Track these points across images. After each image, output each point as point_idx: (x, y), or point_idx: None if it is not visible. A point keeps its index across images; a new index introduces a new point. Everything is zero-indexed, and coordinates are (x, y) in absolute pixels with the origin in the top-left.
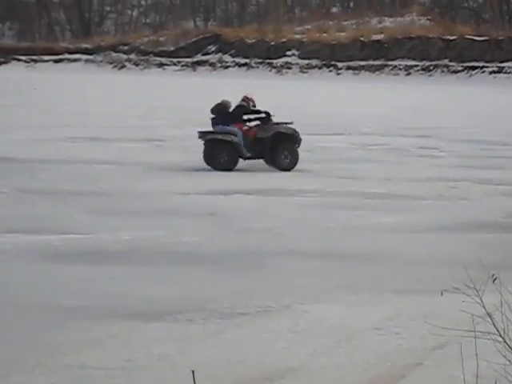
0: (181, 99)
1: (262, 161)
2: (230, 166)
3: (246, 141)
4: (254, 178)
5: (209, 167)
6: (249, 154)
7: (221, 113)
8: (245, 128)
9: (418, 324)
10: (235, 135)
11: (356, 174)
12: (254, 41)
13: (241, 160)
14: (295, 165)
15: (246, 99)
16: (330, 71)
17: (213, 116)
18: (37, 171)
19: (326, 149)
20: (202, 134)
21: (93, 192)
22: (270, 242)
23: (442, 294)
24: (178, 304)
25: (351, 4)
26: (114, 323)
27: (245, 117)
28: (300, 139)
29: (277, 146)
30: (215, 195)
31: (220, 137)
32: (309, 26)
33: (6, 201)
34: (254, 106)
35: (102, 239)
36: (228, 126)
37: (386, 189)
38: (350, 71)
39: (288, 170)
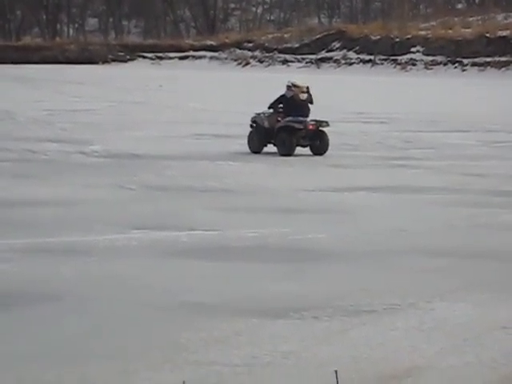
0: None
1: None
2: None
3: None
4: (377, 175)
5: (334, 163)
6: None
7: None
8: None
9: None
10: None
11: (481, 171)
12: (378, 37)
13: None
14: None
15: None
16: (455, 68)
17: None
18: (163, 168)
19: (451, 146)
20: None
21: (218, 189)
22: (394, 239)
23: None
24: (304, 301)
25: (476, 0)
26: (239, 320)
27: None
28: None
29: None
30: (340, 192)
31: None
32: (434, 23)
33: (133, 197)
34: None
35: (227, 236)
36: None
37: None
38: (476, 68)
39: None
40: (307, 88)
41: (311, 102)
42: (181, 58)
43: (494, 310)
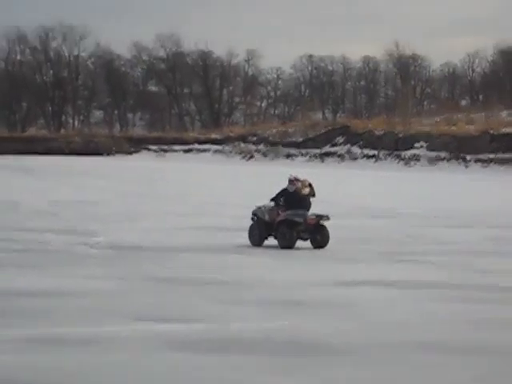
0: None
1: None
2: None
3: None
4: (380, 269)
5: (338, 257)
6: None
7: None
8: None
9: None
10: None
11: (483, 267)
12: (382, 132)
13: None
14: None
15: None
16: (459, 163)
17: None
18: (166, 260)
19: (453, 241)
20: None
21: (221, 281)
22: (397, 334)
23: None
24: None
25: (480, 97)
26: None
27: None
28: None
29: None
30: (343, 286)
31: None
32: (437, 119)
33: (135, 289)
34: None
35: (229, 329)
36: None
37: None
38: (479, 164)
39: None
40: (309, 183)
41: (314, 195)
42: (185, 151)
43: None
